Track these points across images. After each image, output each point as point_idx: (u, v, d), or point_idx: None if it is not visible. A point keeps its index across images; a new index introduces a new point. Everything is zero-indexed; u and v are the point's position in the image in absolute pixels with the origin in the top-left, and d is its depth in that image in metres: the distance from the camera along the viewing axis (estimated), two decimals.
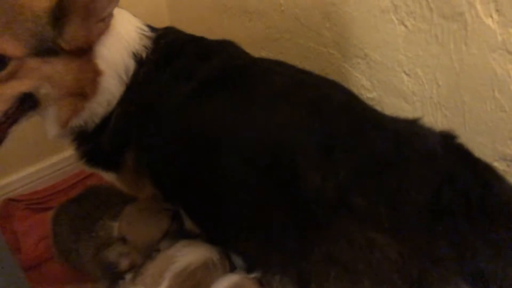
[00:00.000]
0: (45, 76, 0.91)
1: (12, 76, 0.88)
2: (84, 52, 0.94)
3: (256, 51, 1.16)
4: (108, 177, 1.14)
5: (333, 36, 1.25)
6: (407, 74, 1.12)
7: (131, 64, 1.01)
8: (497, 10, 0.90)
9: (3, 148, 1.55)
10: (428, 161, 0.82)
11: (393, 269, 0.73)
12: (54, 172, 1.65)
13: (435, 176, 0.80)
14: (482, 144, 1.03)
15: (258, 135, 0.91)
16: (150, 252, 1.03)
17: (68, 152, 1.62)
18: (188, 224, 1.11)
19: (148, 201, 1.11)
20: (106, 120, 1.03)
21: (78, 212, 1.21)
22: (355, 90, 1.27)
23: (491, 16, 0.91)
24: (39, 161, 1.59)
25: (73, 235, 1.19)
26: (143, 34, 1.05)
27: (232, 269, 1.01)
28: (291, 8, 1.33)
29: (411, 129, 0.89)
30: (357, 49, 1.21)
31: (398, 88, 1.15)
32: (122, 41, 1.00)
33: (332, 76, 1.31)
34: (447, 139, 0.87)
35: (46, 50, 0.89)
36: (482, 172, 0.82)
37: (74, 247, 1.18)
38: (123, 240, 1.07)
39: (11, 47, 0.85)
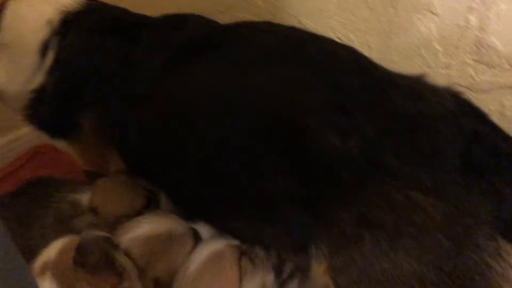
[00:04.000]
0: None
1: None
2: None
3: None
4: (59, 145, 1.11)
5: (267, 7, 1.29)
6: (340, 39, 1.18)
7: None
8: None
9: None
10: (451, 119, 0.78)
11: (438, 229, 0.71)
12: None
13: (462, 134, 0.76)
14: None
15: (256, 99, 0.84)
16: (117, 226, 1.02)
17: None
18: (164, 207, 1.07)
19: (124, 176, 1.07)
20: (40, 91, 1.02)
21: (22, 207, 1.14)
22: None
23: None
24: None
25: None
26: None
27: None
28: None
29: (422, 86, 0.84)
30: (292, 17, 1.25)
31: None
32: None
33: None
34: (455, 96, 0.83)
35: None
36: (497, 126, 0.80)
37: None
38: (93, 211, 1.03)
39: None
